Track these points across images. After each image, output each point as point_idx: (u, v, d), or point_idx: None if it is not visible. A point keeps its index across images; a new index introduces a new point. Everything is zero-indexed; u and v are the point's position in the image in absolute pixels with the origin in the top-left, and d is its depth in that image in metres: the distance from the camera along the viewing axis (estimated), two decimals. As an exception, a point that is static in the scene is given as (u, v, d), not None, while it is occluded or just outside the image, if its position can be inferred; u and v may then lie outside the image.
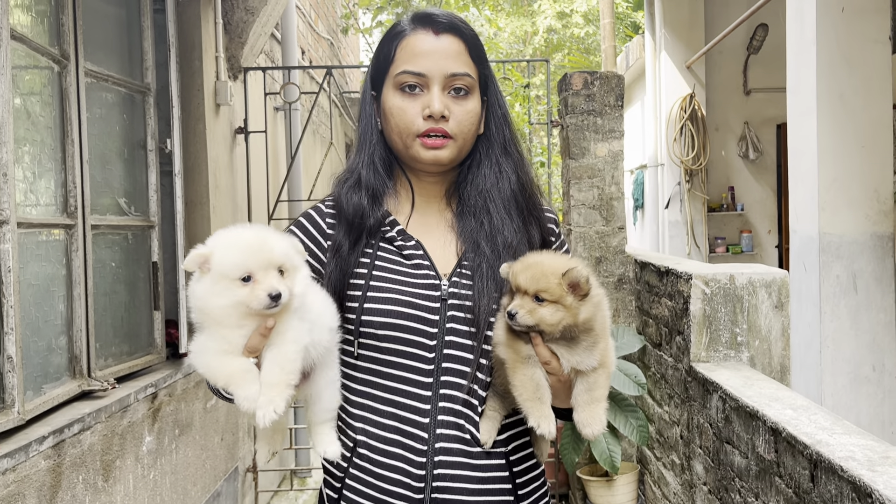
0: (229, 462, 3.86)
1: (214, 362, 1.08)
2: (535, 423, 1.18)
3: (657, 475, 3.65)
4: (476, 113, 1.36)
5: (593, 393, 1.20)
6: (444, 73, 1.32)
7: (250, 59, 4.15)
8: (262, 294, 1.07)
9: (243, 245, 1.10)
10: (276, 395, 1.07)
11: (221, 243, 1.11)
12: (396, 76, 1.33)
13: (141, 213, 3.10)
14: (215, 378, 1.10)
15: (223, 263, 1.08)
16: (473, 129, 1.36)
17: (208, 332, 1.11)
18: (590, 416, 1.20)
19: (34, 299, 2.36)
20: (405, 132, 1.33)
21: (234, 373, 1.07)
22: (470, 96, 1.34)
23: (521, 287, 1.17)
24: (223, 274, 1.08)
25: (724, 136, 7.93)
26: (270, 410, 1.06)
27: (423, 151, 1.33)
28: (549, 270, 1.18)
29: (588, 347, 1.21)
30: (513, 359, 1.21)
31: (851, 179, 4.19)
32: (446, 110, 1.31)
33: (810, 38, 4.25)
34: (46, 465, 2.17)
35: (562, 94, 4.21)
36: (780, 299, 3.01)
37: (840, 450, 1.88)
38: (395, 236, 1.36)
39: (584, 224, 4.08)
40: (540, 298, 1.17)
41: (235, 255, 1.09)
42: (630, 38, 11.13)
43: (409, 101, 1.33)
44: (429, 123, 1.31)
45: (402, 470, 1.27)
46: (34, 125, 2.42)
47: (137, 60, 3.12)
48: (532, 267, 1.18)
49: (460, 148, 1.35)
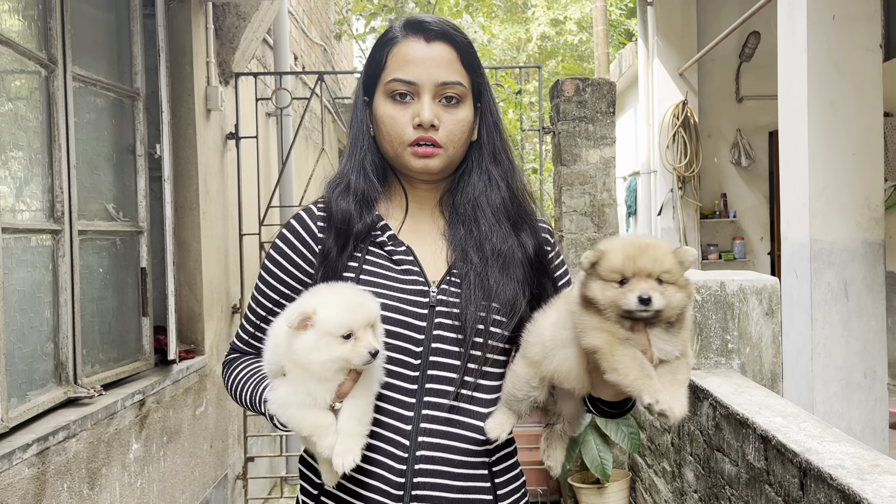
0: (219, 469, 3.83)
1: (300, 415, 1.18)
2: (652, 398, 1.08)
3: (648, 482, 3.64)
4: (467, 121, 1.35)
5: (677, 376, 1.13)
6: (434, 82, 1.31)
7: (242, 64, 4.14)
8: (364, 351, 1.16)
9: (346, 305, 1.18)
10: (354, 444, 1.18)
11: (324, 302, 1.18)
12: (387, 83, 1.32)
13: (129, 218, 3.08)
14: (300, 428, 1.19)
15: (328, 322, 1.16)
16: (465, 138, 1.35)
17: (292, 386, 1.19)
18: (674, 394, 1.10)
19: (19, 305, 2.34)
20: (396, 140, 1.32)
21: (321, 426, 1.18)
22: (461, 105, 1.33)
23: (644, 270, 1.09)
24: (327, 331, 1.16)
25: (716, 144, 7.95)
26: (350, 459, 1.16)
27: (413, 160, 1.32)
28: (667, 250, 1.12)
29: (674, 335, 1.14)
30: (611, 342, 1.12)
31: (842, 187, 4.20)
32: (436, 119, 1.30)
33: (801, 45, 4.26)
34: (30, 472, 2.14)
35: (553, 101, 4.21)
36: (770, 306, 3.01)
37: (829, 458, 1.87)
38: (385, 241, 1.35)
39: (576, 230, 4.07)
40: (661, 280, 1.10)
41: (340, 315, 1.17)
42: (623, 45, 11.17)
43: (399, 109, 1.32)
44: (418, 132, 1.30)
45: (380, 477, 1.26)
46: (21, 129, 2.40)
47: (127, 65, 3.11)
48: (651, 248, 1.11)
49: (451, 157, 1.34)
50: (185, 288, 3.57)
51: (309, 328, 1.16)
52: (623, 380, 1.10)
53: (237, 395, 1.35)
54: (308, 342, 1.16)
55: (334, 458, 1.16)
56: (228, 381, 1.38)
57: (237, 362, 1.39)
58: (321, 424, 1.17)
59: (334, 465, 1.16)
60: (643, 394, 1.09)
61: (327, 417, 1.18)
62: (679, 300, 1.11)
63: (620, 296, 1.10)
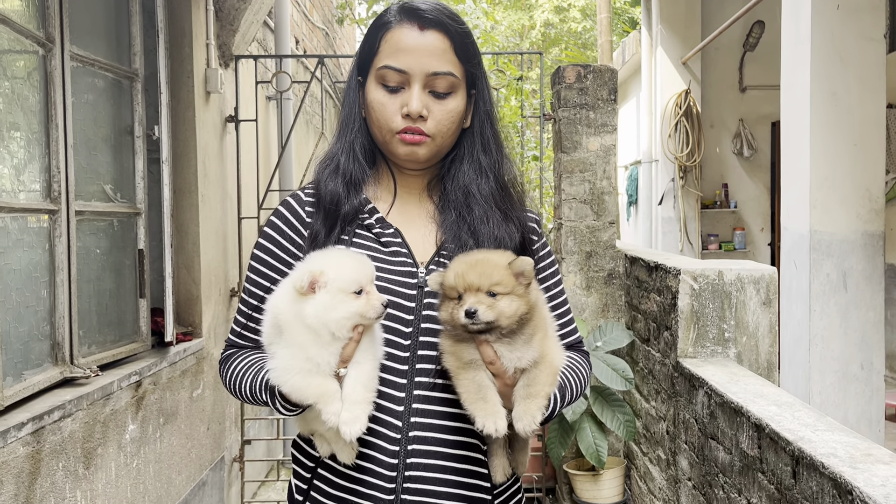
0: (215, 451, 3.84)
1: (303, 382, 1.16)
2: (481, 423, 1.15)
3: (643, 470, 3.65)
4: (457, 112, 1.34)
5: (530, 388, 1.19)
6: (425, 72, 1.30)
7: (242, 47, 4.12)
8: (377, 303, 1.18)
9: (352, 261, 1.20)
10: (361, 412, 1.17)
11: (330, 262, 1.19)
12: (378, 70, 1.32)
13: (127, 199, 3.08)
14: (304, 395, 1.17)
15: (340, 279, 1.17)
16: (454, 128, 1.35)
17: (293, 353, 1.18)
18: (522, 411, 1.17)
19: (15, 284, 2.34)
20: (385, 127, 1.32)
21: (327, 392, 1.16)
22: (452, 96, 1.32)
23: (473, 285, 1.15)
24: (340, 288, 1.16)
25: (718, 133, 7.92)
26: (357, 427, 1.15)
27: (401, 147, 1.32)
28: (497, 263, 1.17)
29: (526, 341, 1.19)
30: (455, 366, 1.20)
31: (843, 178, 4.19)
32: (425, 110, 1.30)
33: (805, 35, 4.23)
34: (25, 451, 2.15)
35: (555, 87, 4.19)
36: (768, 296, 3.01)
37: (822, 447, 1.87)
38: (373, 224, 1.35)
39: (575, 218, 4.06)
40: (493, 293, 1.16)
41: (350, 270, 1.18)
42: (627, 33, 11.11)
43: (389, 96, 1.31)
44: (407, 122, 1.30)
45: (373, 458, 1.26)
46: (18, 109, 2.39)
47: (125, 45, 3.09)
48: (480, 263, 1.17)
49: (439, 146, 1.34)
50: (183, 270, 3.57)
51: (319, 290, 1.16)
52: (464, 403, 1.18)
53: (237, 388, 1.33)
54: (322, 302, 1.16)
55: (342, 426, 1.15)
56: (227, 376, 1.37)
57: (234, 357, 1.38)
58: (327, 391, 1.16)
59: (342, 433, 1.15)
60: (475, 417, 1.17)
61: (333, 384, 1.17)
62: (515, 309, 1.16)
63: (455, 311, 1.17)
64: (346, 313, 1.16)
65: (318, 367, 1.17)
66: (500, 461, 1.32)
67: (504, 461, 1.33)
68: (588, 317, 4.07)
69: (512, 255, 1.21)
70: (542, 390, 1.19)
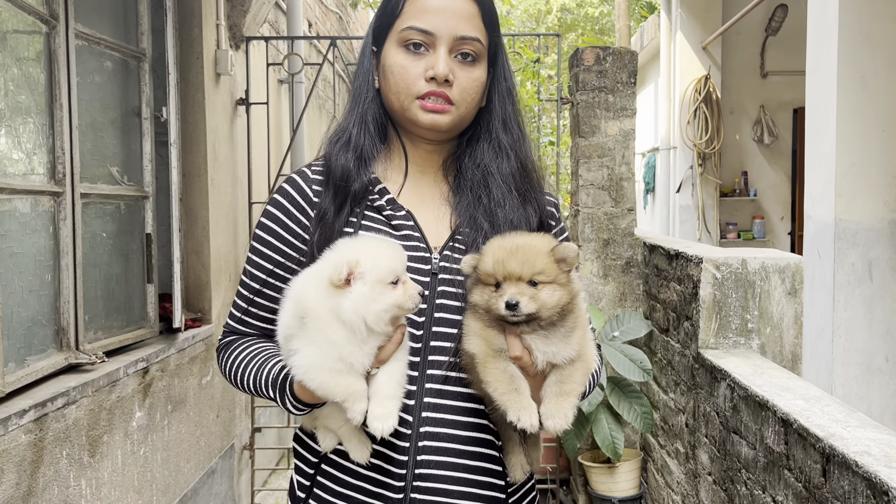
0: (225, 439, 3.79)
1: (332, 380, 1.09)
2: (515, 416, 1.07)
3: (661, 463, 3.57)
4: (481, 82, 1.26)
5: (564, 385, 1.10)
6: (453, 35, 1.22)
7: (253, 28, 4.04)
8: (415, 293, 1.11)
9: (387, 250, 1.13)
10: (393, 407, 1.10)
11: (365, 251, 1.11)
12: (401, 31, 1.23)
13: (135, 182, 3.01)
14: (331, 393, 1.10)
15: (379, 269, 1.09)
16: (477, 99, 1.27)
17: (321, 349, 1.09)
18: (555, 408, 1.09)
19: (18, 268, 2.28)
20: (404, 92, 1.23)
21: (356, 392, 1.09)
22: (477, 63, 1.25)
23: (514, 273, 1.07)
24: (378, 279, 1.09)
25: (738, 120, 7.77)
26: (389, 423, 1.09)
27: (422, 114, 1.23)
28: (539, 249, 1.09)
29: (565, 335, 1.10)
30: (484, 352, 1.10)
31: (870, 164, 4.06)
32: (451, 74, 1.22)
33: (832, 18, 4.10)
34: (27, 439, 2.09)
35: (573, 70, 4.08)
36: (793, 286, 2.90)
37: (855, 444, 1.78)
38: (384, 205, 1.26)
39: (593, 205, 3.97)
40: (534, 282, 1.07)
41: (387, 259, 1.11)
42: (645, 18, 10.93)
43: (412, 59, 1.22)
44: (431, 86, 1.22)
45: (382, 455, 1.19)
46: (20, 88, 2.32)
47: (132, 25, 3.02)
48: (521, 249, 1.08)
49: (462, 116, 1.25)
50: (193, 255, 3.51)
51: (355, 282, 1.08)
52: (493, 393, 1.09)
53: (239, 379, 1.25)
54: (361, 294, 1.08)
55: (373, 422, 1.08)
56: (226, 366, 1.29)
57: (234, 346, 1.30)
58: (357, 390, 1.09)
59: (373, 429, 1.08)
60: (508, 410, 1.08)
61: (362, 383, 1.10)
62: (557, 299, 1.08)
63: (494, 300, 1.08)
64: (385, 305, 1.08)
65: (350, 368, 1.09)
66: (517, 459, 1.24)
67: (522, 458, 1.25)
68: (605, 306, 3.98)
69: (553, 240, 1.12)
70: (576, 389, 1.11)
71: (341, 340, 1.08)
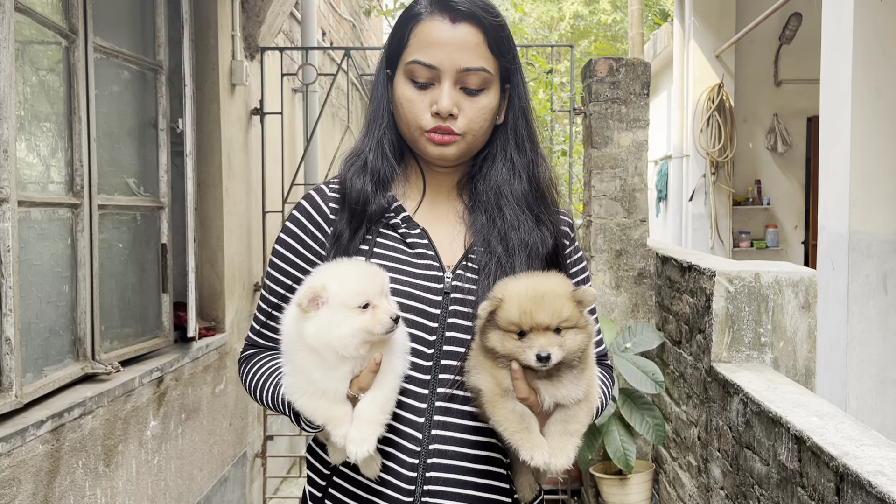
0: (237, 447, 3.81)
1: (311, 404, 1.11)
2: (529, 455, 1.07)
3: (672, 476, 3.56)
4: (490, 109, 1.27)
5: (568, 426, 1.11)
6: (456, 68, 1.22)
7: (268, 38, 4.07)
8: (385, 317, 1.09)
9: (357, 274, 1.12)
10: (370, 433, 1.09)
11: (333, 276, 1.11)
12: (407, 64, 1.25)
13: (150, 193, 3.04)
14: (313, 417, 1.12)
15: (342, 293, 1.09)
16: (486, 126, 1.27)
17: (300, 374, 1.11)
18: (558, 448, 1.09)
19: (36, 280, 2.31)
20: (413, 125, 1.25)
21: (334, 417, 1.10)
22: (484, 92, 1.25)
23: (542, 324, 1.06)
24: (343, 303, 1.08)
25: (752, 128, 7.73)
26: (364, 449, 1.08)
27: (430, 147, 1.25)
28: (562, 295, 1.08)
29: (576, 377, 1.11)
30: (493, 391, 1.10)
31: (885, 175, 4.04)
32: (455, 108, 1.23)
33: (847, 28, 4.08)
34: (44, 449, 2.12)
35: (586, 81, 4.09)
36: (807, 299, 2.89)
37: (869, 463, 1.78)
38: (399, 223, 1.28)
39: (605, 216, 3.97)
40: (559, 329, 1.07)
41: (354, 284, 1.09)
42: (658, 25, 10.91)
43: (418, 93, 1.24)
44: (436, 121, 1.23)
45: (392, 470, 1.20)
46: (39, 101, 2.35)
47: (150, 37, 3.05)
48: (547, 299, 1.07)
49: (470, 144, 1.27)
50: (207, 265, 3.53)
51: (321, 306, 1.09)
52: (504, 433, 1.10)
53: (257, 394, 1.27)
54: (323, 320, 1.08)
55: (348, 445, 1.08)
56: (246, 380, 1.31)
57: (253, 359, 1.32)
58: (335, 415, 1.10)
59: (347, 453, 1.09)
60: (520, 449, 1.08)
61: (341, 408, 1.10)
62: (579, 343, 1.08)
63: (519, 351, 1.07)
64: (349, 330, 1.08)
65: (323, 393, 1.10)
66: (526, 479, 1.26)
67: (530, 478, 1.26)
68: (617, 317, 3.98)
69: (569, 282, 1.12)
70: (580, 430, 1.11)
71: (309, 366, 1.09)
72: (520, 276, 1.15)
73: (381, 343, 1.13)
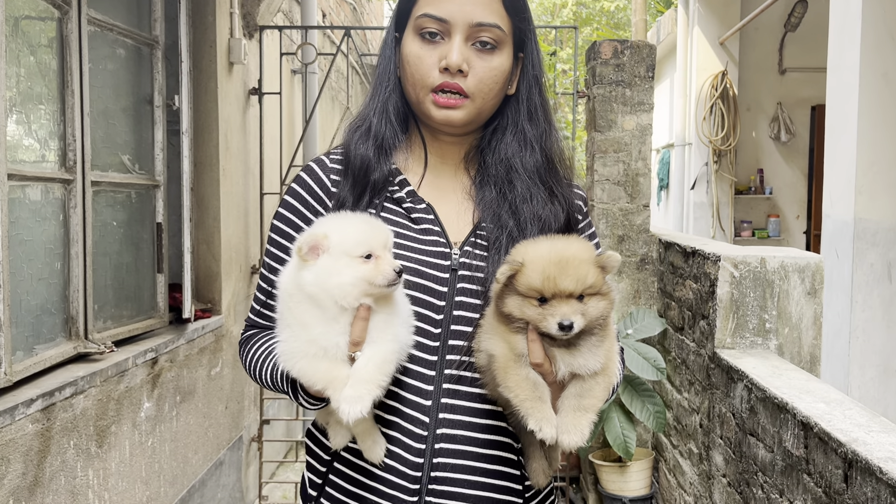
0: (233, 431, 3.78)
1: (310, 367, 1.05)
2: (537, 425, 1.00)
3: (673, 463, 3.52)
4: (502, 71, 1.20)
5: (583, 400, 1.04)
6: (468, 22, 1.16)
7: (267, 17, 4.00)
8: (388, 269, 1.04)
9: (362, 224, 1.08)
10: (366, 392, 1.02)
11: (336, 225, 1.07)
12: (417, 19, 1.19)
13: (146, 171, 2.99)
14: (313, 381, 1.05)
15: (346, 241, 1.05)
16: (497, 89, 1.21)
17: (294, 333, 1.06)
18: (572, 423, 1.02)
19: (27, 256, 2.25)
20: (419, 84, 1.19)
21: (336, 378, 1.04)
22: (497, 51, 1.19)
23: (566, 291, 1.00)
24: (345, 251, 1.05)
25: (755, 117, 7.67)
26: (357, 408, 1.00)
27: (434, 110, 1.18)
28: (587, 261, 1.02)
29: (594, 346, 1.04)
30: (506, 356, 1.04)
31: (892, 163, 3.99)
32: (465, 64, 1.16)
33: (855, 14, 4.02)
34: (34, 428, 2.07)
35: (590, 64, 4.03)
36: (813, 286, 2.84)
37: (879, 449, 1.73)
38: (403, 197, 1.22)
39: (608, 200, 3.91)
40: (582, 295, 1.01)
41: (358, 233, 1.06)
42: (661, 12, 10.82)
43: (427, 48, 1.18)
44: (444, 77, 1.16)
45: (397, 456, 1.14)
46: (31, 74, 2.29)
47: (146, 11, 2.98)
48: (571, 264, 1.00)
49: (478, 109, 1.20)
50: (203, 245, 3.48)
51: (321, 255, 1.04)
52: (514, 399, 1.03)
53: (258, 375, 1.22)
54: (323, 267, 1.04)
55: (341, 404, 1.01)
56: (247, 361, 1.26)
57: (254, 339, 1.27)
58: (336, 376, 1.03)
59: (340, 412, 1.01)
60: (528, 418, 1.02)
61: (343, 369, 1.04)
62: (601, 310, 1.03)
63: (539, 318, 1.01)
64: (350, 279, 1.03)
65: (325, 351, 1.04)
66: (539, 464, 1.20)
67: (544, 463, 1.20)
68: (619, 303, 3.93)
69: (591, 247, 1.06)
70: (596, 405, 1.04)
71: (310, 319, 1.04)
72: (540, 239, 1.08)
73: (384, 300, 1.08)
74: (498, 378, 1.05)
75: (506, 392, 1.04)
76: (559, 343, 1.03)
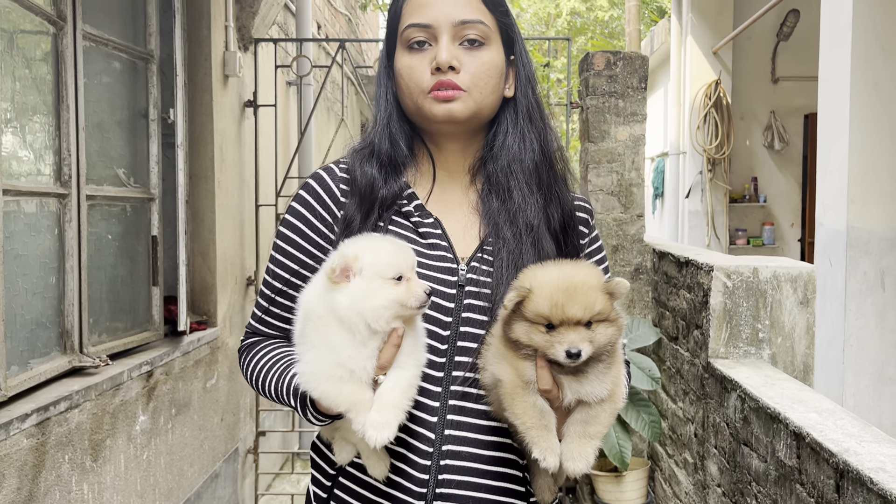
0: (229, 443, 3.77)
1: (335, 389, 1.04)
2: (541, 455, 1.00)
3: (668, 473, 3.53)
4: (494, 65, 1.21)
5: (589, 427, 1.04)
6: (451, 21, 1.18)
7: (262, 30, 4.03)
8: (419, 290, 1.05)
9: (391, 247, 1.08)
10: (392, 417, 1.03)
11: (366, 247, 1.07)
12: (403, 32, 1.21)
13: (141, 184, 3.00)
14: (336, 404, 1.04)
15: (378, 263, 1.05)
16: (492, 84, 1.21)
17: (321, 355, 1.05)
18: (577, 450, 1.02)
19: (22, 270, 2.26)
20: (416, 90, 1.20)
21: (360, 401, 1.04)
22: (486, 47, 1.20)
23: (574, 318, 0.99)
24: (377, 274, 1.04)
25: (748, 125, 7.71)
26: (385, 434, 1.01)
27: (435, 106, 1.19)
28: (594, 287, 1.01)
29: (602, 373, 1.04)
30: (513, 383, 1.03)
31: (884, 172, 4.01)
32: (455, 61, 1.17)
33: (846, 24, 4.05)
34: (29, 443, 2.07)
35: (583, 75, 4.05)
36: (805, 295, 2.86)
37: (869, 460, 1.74)
38: (412, 211, 1.23)
39: (602, 211, 3.93)
40: (590, 322, 1.01)
41: (389, 255, 1.06)
42: (655, 22, 10.89)
43: (417, 57, 1.20)
44: (437, 77, 1.18)
45: (402, 472, 1.15)
46: (27, 88, 2.31)
47: (140, 26, 3.00)
48: (580, 291, 1.00)
49: (477, 102, 1.20)
50: (199, 258, 3.49)
51: (353, 277, 1.04)
52: (519, 426, 1.03)
53: (260, 385, 1.21)
54: (356, 290, 1.03)
55: (368, 430, 1.01)
56: (247, 369, 1.25)
57: (256, 347, 1.26)
58: (361, 399, 1.03)
59: (367, 438, 1.01)
60: (533, 446, 1.02)
61: (367, 392, 1.04)
62: (609, 337, 1.02)
63: (547, 344, 1.01)
64: (384, 301, 1.03)
65: (351, 374, 1.03)
66: (545, 480, 1.20)
67: (549, 480, 1.20)
68: (613, 312, 3.94)
69: (600, 272, 1.06)
70: (601, 431, 1.04)
71: (340, 342, 1.03)
72: (548, 264, 1.08)
73: (409, 322, 1.08)
74: (505, 403, 1.05)
75: (512, 418, 1.04)
76: (566, 370, 1.03)
